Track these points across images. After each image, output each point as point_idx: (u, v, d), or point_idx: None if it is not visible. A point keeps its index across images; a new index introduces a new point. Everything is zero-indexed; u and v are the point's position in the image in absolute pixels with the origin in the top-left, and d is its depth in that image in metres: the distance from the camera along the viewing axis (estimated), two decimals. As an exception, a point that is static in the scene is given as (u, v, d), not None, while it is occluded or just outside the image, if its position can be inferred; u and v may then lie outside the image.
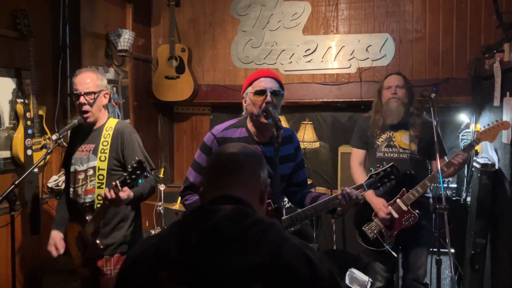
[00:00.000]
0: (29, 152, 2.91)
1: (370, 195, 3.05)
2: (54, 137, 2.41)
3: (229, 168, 1.21)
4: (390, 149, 3.10)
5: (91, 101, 2.47)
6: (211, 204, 1.12)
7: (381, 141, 3.13)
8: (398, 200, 3.00)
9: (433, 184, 2.91)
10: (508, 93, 3.01)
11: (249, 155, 1.26)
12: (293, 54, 4.27)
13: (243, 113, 2.28)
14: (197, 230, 1.04)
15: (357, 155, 3.25)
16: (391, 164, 2.22)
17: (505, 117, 3.05)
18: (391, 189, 2.99)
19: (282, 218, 2.12)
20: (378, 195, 3.05)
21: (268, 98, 2.12)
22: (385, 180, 2.19)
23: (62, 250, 2.54)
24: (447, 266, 3.74)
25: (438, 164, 2.66)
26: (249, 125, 2.26)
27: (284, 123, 4.41)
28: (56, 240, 2.55)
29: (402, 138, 3.10)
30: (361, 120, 3.33)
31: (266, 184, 1.26)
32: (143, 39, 4.42)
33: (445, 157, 3.13)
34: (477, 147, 3.59)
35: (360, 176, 3.15)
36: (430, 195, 3.09)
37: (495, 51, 3.10)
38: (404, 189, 2.99)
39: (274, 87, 2.16)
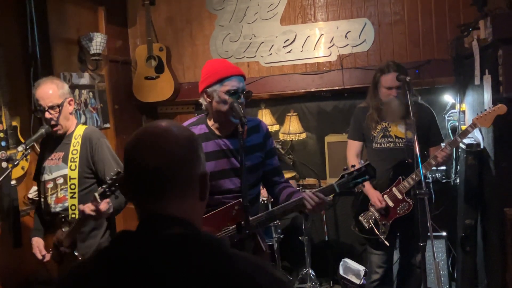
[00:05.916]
0: (3, 164, 2.87)
1: (367, 187, 3.03)
2: (20, 148, 2.36)
3: (154, 181, 0.99)
4: (386, 139, 3.08)
5: (57, 114, 2.41)
6: (139, 230, 0.98)
7: (377, 132, 3.10)
8: (393, 189, 2.99)
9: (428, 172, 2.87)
10: (487, 71, 2.95)
11: (179, 156, 1.00)
12: (273, 45, 4.20)
13: (203, 107, 2.21)
14: (124, 275, 0.92)
15: (353, 146, 3.22)
16: (366, 163, 2.08)
17: (486, 96, 2.99)
18: (389, 179, 3.01)
19: (251, 218, 2.07)
20: (378, 181, 3.03)
21: (242, 99, 2.12)
22: (359, 180, 2.05)
23: (47, 256, 2.49)
24: (439, 250, 3.72)
25: (416, 148, 2.60)
26: (210, 121, 2.23)
27: (269, 116, 4.37)
28: (39, 244, 2.52)
29: (398, 127, 3.07)
30: (356, 111, 3.27)
31: (204, 175, 1.05)
32: (120, 40, 4.35)
33: (442, 144, 3.09)
34: (463, 127, 3.54)
35: None
36: (430, 180, 3.06)
37: (470, 29, 3.03)
38: (400, 177, 2.97)
39: (244, 86, 2.16)
